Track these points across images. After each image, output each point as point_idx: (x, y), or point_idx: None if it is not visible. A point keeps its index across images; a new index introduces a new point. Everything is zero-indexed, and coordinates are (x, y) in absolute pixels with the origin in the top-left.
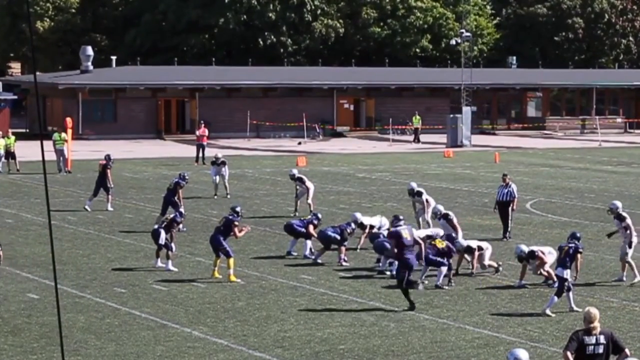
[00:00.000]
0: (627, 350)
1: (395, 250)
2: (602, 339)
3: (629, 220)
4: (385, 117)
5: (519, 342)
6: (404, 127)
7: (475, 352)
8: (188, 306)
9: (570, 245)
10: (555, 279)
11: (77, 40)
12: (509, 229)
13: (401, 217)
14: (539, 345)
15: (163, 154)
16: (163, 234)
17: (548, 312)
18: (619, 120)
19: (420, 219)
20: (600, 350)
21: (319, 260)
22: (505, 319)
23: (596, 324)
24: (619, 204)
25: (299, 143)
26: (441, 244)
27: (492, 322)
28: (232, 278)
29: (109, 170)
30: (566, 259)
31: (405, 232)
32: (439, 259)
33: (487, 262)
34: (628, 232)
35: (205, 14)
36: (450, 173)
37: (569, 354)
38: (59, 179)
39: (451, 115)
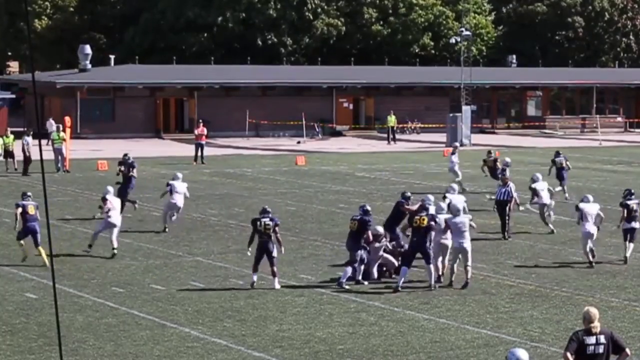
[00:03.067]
0: (627, 350)
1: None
2: (602, 339)
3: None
4: (384, 116)
5: (519, 342)
6: (404, 125)
7: (475, 352)
8: (186, 306)
9: (635, 201)
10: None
11: (75, 39)
12: (507, 228)
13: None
14: (539, 345)
15: (161, 153)
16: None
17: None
18: (619, 119)
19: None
20: (601, 350)
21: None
22: (505, 318)
23: (596, 323)
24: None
25: (298, 142)
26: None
27: (491, 321)
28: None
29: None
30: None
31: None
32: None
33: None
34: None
35: (203, 13)
36: (449, 172)
37: (568, 354)
38: (57, 178)
39: (451, 115)
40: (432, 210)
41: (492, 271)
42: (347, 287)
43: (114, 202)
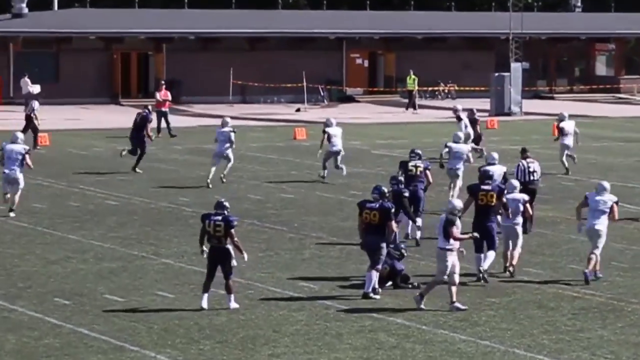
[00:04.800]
0: None
1: None
2: None
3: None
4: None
5: None
6: (434, 88)
7: None
8: (152, 323)
9: None
10: None
11: None
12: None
13: None
14: None
15: (120, 124)
16: None
17: None
18: None
19: None
20: None
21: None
22: (566, 340)
23: None
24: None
25: (298, 110)
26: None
27: (549, 344)
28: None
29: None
30: None
31: None
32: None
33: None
34: None
35: None
36: (493, 150)
37: None
38: None
39: (496, 74)
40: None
41: (549, 278)
42: (377, 297)
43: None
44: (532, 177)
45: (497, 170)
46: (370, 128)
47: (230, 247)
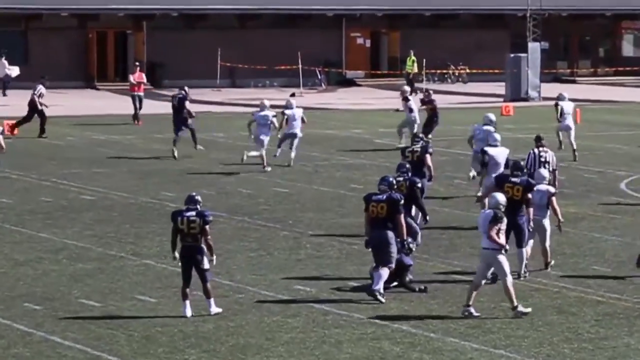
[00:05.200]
0: None
1: None
2: None
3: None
4: (415, 57)
5: None
6: (444, 71)
7: None
8: (131, 330)
9: None
10: None
11: None
12: None
13: None
14: None
15: (95, 110)
16: None
17: None
18: None
19: None
20: None
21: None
22: (589, 349)
23: None
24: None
25: (292, 95)
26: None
27: (570, 354)
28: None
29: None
30: None
31: None
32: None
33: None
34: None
35: None
36: (508, 139)
37: None
38: None
39: (512, 55)
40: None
41: (571, 281)
42: (383, 300)
43: None
44: (543, 168)
45: (501, 153)
46: (372, 115)
47: (203, 246)
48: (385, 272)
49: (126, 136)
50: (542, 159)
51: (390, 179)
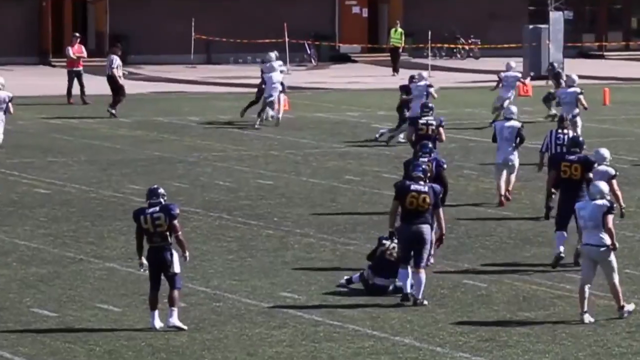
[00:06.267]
0: None
1: None
2: None
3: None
4: (419, 29)
5: None
6: (452, 45)
7: None
8: (92, 344)
9: None
10: None
11: None
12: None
13: None
14: None
15: (50, 90)
16: None
17: None
18: None
19: None
20: None
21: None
22: None
23: None
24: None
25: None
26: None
27: None
28: None
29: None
30: None
31: None
32: None
33: None
34: None
35: None
36: (526, 124)
37: None
38: None
39: (531, 27)
40: None
41: (598, 287)
42: (426, 302)
43: None
44: (560, 151)
45: (513, 126)
46: (370, 95)
47: (173, 247)
48: (424, 276)
49: (86, 120)
50: (559, 141)
51: (424, 166)
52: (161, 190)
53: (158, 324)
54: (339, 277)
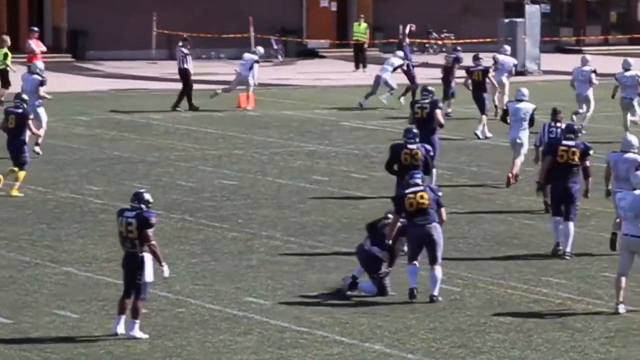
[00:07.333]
0: None
1: None
2: None
3: None
4: (390, 23)
5: None
6: (427, 41)
7: None
8: (49, 352)
9: None
10: None
11: None
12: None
13: None
14: None
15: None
16: None
17: None
18: None
19: None
20: None
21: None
22: None
23: None
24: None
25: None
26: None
27: None
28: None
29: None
30: None
31: None
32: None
33: None
34: None
35: None
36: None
37: None
38: None
39: (506, 21)
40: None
41: (576, 291)
42: (440, 298)
43: None
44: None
45: (526, 107)
46: (339, 92)
47: (146, 255)
48: (440, 272)
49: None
50: (552, 134)
51: (418, 180)
52: (146, 197)
53: (120, 329)
54: (307, 281)
